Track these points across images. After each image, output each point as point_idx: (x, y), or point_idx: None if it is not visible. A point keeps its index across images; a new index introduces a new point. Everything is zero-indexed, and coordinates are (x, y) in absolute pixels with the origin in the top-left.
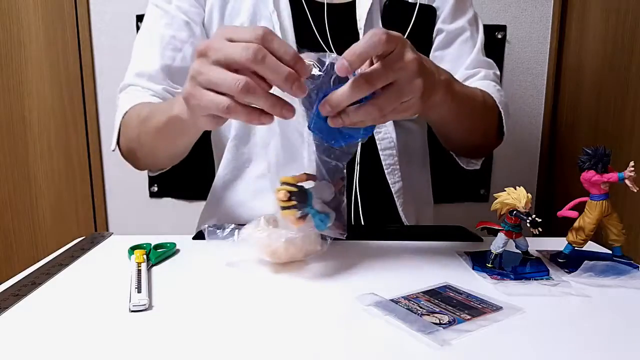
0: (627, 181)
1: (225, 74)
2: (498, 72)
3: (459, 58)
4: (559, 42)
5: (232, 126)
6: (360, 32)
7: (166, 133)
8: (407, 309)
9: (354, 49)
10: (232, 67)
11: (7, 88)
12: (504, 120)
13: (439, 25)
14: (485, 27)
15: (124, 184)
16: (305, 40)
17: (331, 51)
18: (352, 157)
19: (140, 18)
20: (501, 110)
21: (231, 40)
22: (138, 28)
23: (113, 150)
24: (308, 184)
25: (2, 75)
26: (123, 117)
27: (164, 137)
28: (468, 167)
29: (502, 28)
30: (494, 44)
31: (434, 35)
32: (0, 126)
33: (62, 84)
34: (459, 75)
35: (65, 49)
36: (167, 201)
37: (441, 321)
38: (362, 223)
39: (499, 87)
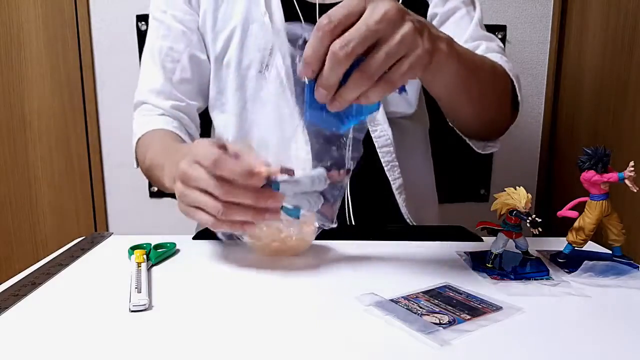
0: (627, 181)
1: (206, 200)
2: (502, 45)
3: (454, 34)
4: (559, 42)
5: (230, 128)
6: None
7: (162, 185)
8: (407, 309)
9: (306, 47)
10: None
11: (7, 88)
12: (517, 89)
13: (431, 10)
14: (485, 27)
15: (124, 184)
16: None
17: None
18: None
19: (140, 18)
20: (512, 78)
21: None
22: (138, 28)
23: (136, 168)
24: (283, 177)
25: (2, 75)
26: (137, 143)
27: (161, 185)
28: (485, 151)
29: (502, 28)
30: None
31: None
32: (0, 126)
33: (62, 84)
34: None
35: (65, 49)
36: (167, 201)
37: (441, 321)
38: (363, 222)
39: (506, 58)
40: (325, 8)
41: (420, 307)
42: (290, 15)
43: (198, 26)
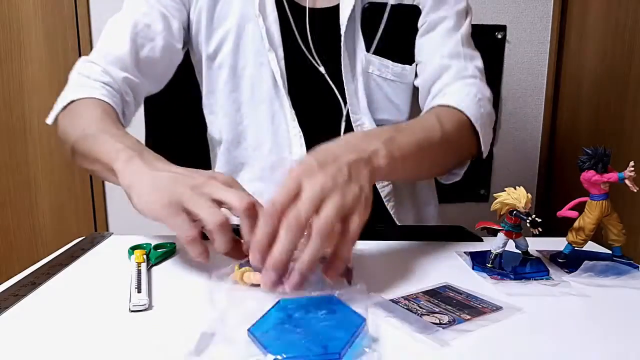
0: (627, 181)
1: (209, 208)
2: (480, 64)
3: (437, 47)
4: (559, 42)
5: (223, 130)
6: (342, 37)
7: (100, 172)
8: (407, 309)
9: (256, 233)
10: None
11: (7, 88)
12: (481, 139)
13: (422, 18)
14: (485, 27)
15: None
16: (292, 44)
17: (312, 56)
18: None
19: None
20: (477, 127)
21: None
22: None
23: (49, 124)
24: None
25: (2, 75)
26: (70, 104)
27: (97, 172)
28: (448, 181)
29: (502, 28)
30: (494, 44)
31: (419, 26)
32: (0, 126)
33: (62, 84)
34: (434, 65)
35: (65, 49)
36: None
37: (441, 321)
38: None
39: (477, 86)
40: (316, 12)
41: (420, 307)
42: (283, 17)
43: (187, 22)
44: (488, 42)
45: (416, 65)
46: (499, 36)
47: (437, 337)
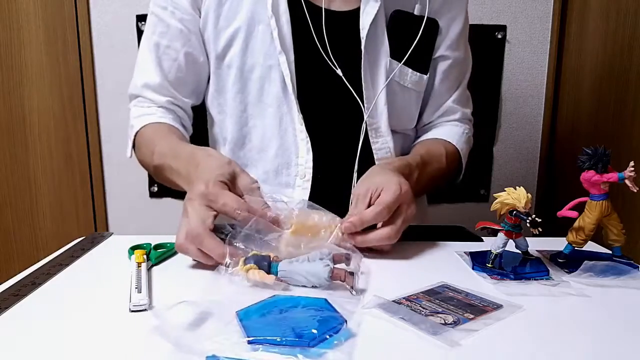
0: (627, 181)
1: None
2: (471, 108)
3: (450, 87)
4: (559, 42)
5: (228, 130)
6: (362, 41)
7: (175, 186)
8: (410, 310)
9: (364, 217)
10: None
11: (7, 88)
12: (462, 167)
13: (444, 51)
14: (485, 27)
15: (124, 184)
16: (304, 46)
17: (329, 59)
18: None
19: (140, 18)
20: (463, 162)
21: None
22: (138, 28)
23: (130, 157)
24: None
25: (2, 75)
26: (136, 134)
27: (174, 186)
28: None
29: (502, 28)
30: (494, 44)
31: (436, 55)
32: (0, 126)
33: (62, 84)
34: (445, 107)
35: (65, 49)
36: (167, 201)
37: (446, 321)
38: None
39: (469, 126)
40: (334, 15)
41: (423, 308)
42: (296, 18)
43: (199, 27)
44: (488, 42)
45: (428, 79)
46: (499, 36)
47: (446, 337)
